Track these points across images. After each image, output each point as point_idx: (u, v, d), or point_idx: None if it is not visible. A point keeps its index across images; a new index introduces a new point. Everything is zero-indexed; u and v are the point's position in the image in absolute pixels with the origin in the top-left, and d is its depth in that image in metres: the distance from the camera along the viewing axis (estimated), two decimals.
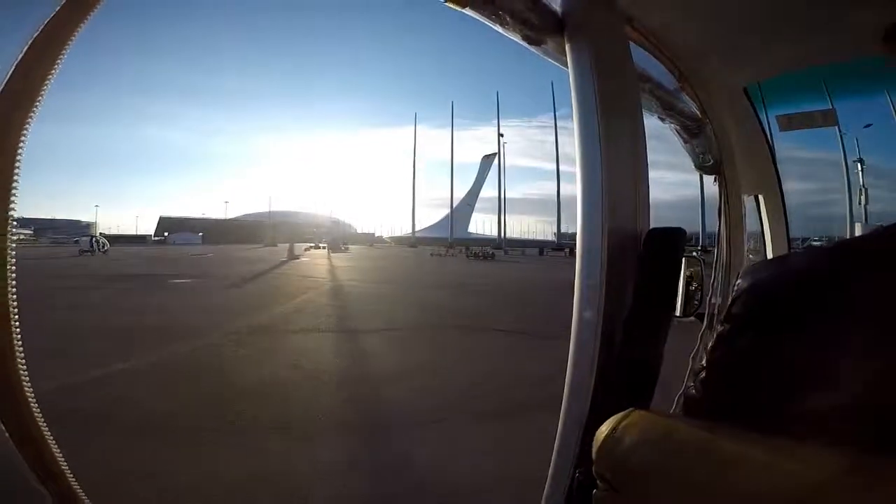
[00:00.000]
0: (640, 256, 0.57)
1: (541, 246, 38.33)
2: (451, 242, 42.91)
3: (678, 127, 1.15)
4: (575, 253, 0.65)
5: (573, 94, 0.63)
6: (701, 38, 1.05)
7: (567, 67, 0.65)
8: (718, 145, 1.37)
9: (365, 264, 21.94)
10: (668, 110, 1.04)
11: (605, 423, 0.42)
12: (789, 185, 1.59)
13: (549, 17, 0.67)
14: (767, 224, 1.52)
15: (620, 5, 0.83)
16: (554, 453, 0.60)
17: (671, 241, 0.58)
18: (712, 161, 1.37)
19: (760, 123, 1.40)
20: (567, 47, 0.66)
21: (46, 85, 0.43)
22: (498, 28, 0.63)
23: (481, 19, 0.61)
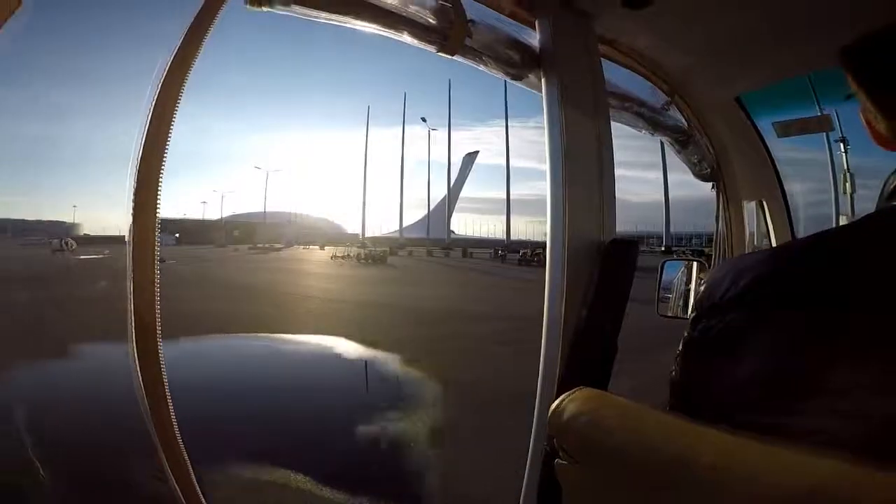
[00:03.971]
0: (600, 263, 0.67)
1: (495, 248, 34.80)
2: (448, 243, 40.92)
3: (670, 140, 1.23)
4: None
5: (545, 120, 0.73)
6: (687, 55, 1.12)
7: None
8: (715, 154, 1.43)
9: None
10: (656, 126, 1.12)
11: (557, 399, 0.52)
12: (794, 188, 1.63)
13: (527, 53, 0.77)
14: (772, 227, 1.57)
15: (601, 31, 0.92)
16: (532, 432, 0.70)
17: (626, 252, 0.67)
18: (709, 169, 1.43)
19: (757, 130, 1.46)
20: (542, 80, 0.77)
21: (180, 99, 0.55)
22: (482, 68, 0.73)
23: (465, 62, 0.72)
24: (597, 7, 0.84)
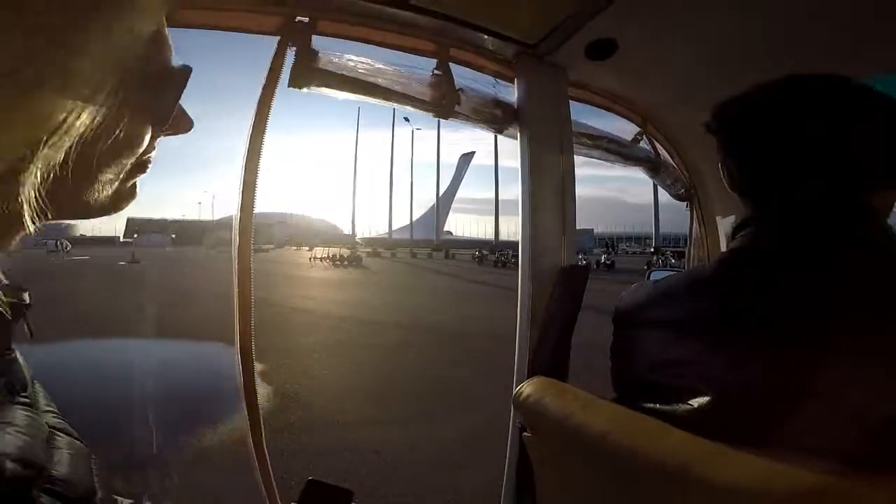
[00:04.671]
0: (558, 284, 0.85)
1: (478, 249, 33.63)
2: (436, 244, 40.77)
3: (643, 168, 1.39)
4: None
5: (518, 164, 0.92)
6: (655, 91, 1.27)
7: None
8: (689, 176, 1.59)
9: None
10: (628, 158, 1.28)
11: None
12: None
13: (507, 108, 0.95)
14: None
15: (574, 77, 1.09)
16: (512, 413, 0.88)
17: (578, 274, 0.85)
18: (683, 190, 1.59)
19: None
20: (518, 129, 0.94)
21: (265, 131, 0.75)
22: (469, 124, 0.91)
23: (451, 120, 0.90)
24: (567, 60, 1.01)
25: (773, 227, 0.56)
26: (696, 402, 0.50)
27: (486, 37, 0.90)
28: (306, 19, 0.77)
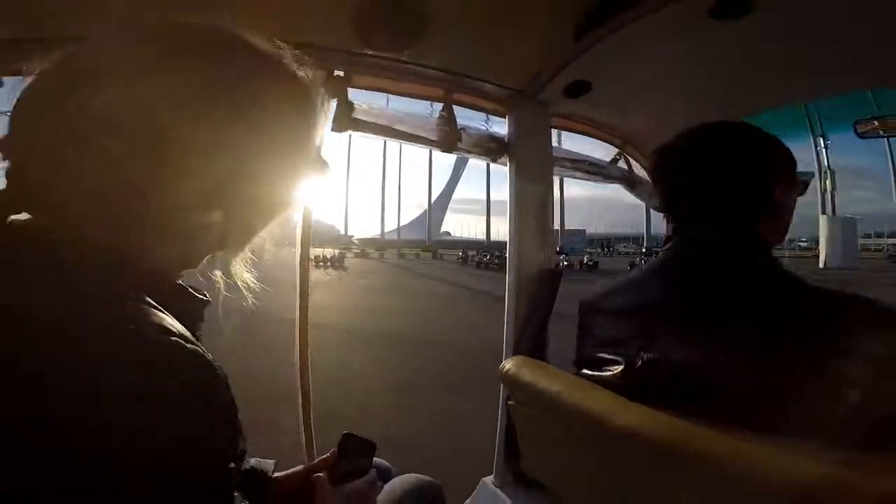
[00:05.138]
0: (536, 285, 1.08)
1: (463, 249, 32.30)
2: (427, 245, 39.96)
3: (622, 184, 1.60)
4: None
5: (509, 187, 1.15)
6: (630, 118, 1.48)
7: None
8: None
9: None
10: (607, 177, 1.50)
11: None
12: None
13: (500, 141, 1.17)
14: None
15: (558, 110, 1.30)
16: (502, 386, 1.11)
17: (553, 277, 1.08)
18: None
19: None
20: (508, 158, 1.17)
21: None
22: (470, 156, 1.13)
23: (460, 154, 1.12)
24: (550, 99, 1.22)
25: (683, 245, 0.77)
26: (622, 370, 0.73)
27: (483, 83, 1.12)
28: (342, 73, 0.99)
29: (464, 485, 1.34)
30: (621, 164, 1.55)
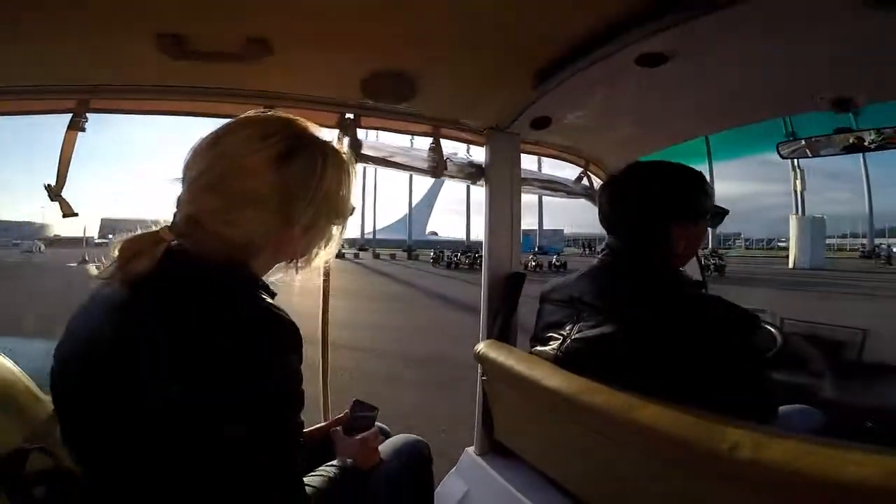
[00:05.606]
0: (504, 286, 1.36)
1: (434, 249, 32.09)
2: (407, 245, 39.05)
3: (587, 200, 1.87)
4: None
5: (484, 205, 1.42)
6: (591, 142, 1.75)
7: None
8: None
9: None
10: (572, 193, 1.78)
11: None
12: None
13: (478, 166, 1.43)
14: None
15: (528, 138, 1.56)
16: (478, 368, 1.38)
17: (518, 280, 1.36)
18: None
19: None
20: (485, 180, 1.43)
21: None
22: (455, 181, 1.39)
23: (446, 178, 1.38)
24: (520, 129, 1.48)
25: (607, 254, 1.04)
26: (558, 345, 1.00)
27: (465, 121, 1.39)
28: (352, 116, 1.24)
29: None
30: (585, 181, 1.82)
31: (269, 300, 0.66)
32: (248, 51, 0.90)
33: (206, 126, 0.73)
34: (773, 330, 1.64)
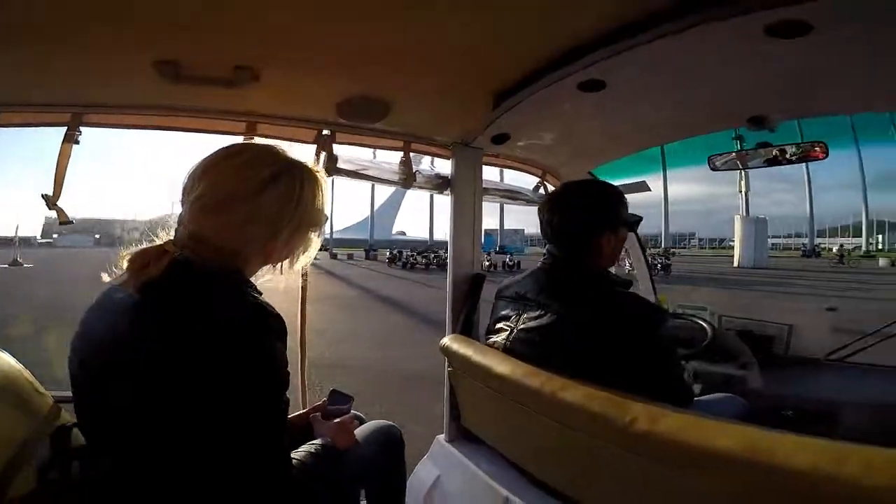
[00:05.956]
0: (469, 286, 1.51)
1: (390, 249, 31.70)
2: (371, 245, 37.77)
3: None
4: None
5: (449, 213, 1.56)
6: (547, 154, 1.92)
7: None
8: None
9: None
10: (529, 201, 1.95)
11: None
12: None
13: (444, 177, 1.58)
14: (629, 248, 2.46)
15: (490, 151, 1.72)
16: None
17: (478, 280, 1.51)
18: None
19: None
20: (450, 189, 1.58)
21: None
22: (423, 191, 1.52)
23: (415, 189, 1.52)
24: (482, 144, 1.63)
25: (552, 259, 1.21)
26: (506, 336, 1.16)
27: (433, 137, 1.53)
28: (328, 132, 1.36)
29: None
30: (542, 190, 2.00)
31: (260, 298, 0.79)
32: (237, 77, 1.01)
33: (179, 137, 0.86)
34: (704, 324, 1.83)
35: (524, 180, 2.11)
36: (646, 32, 0.90)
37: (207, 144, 0.91)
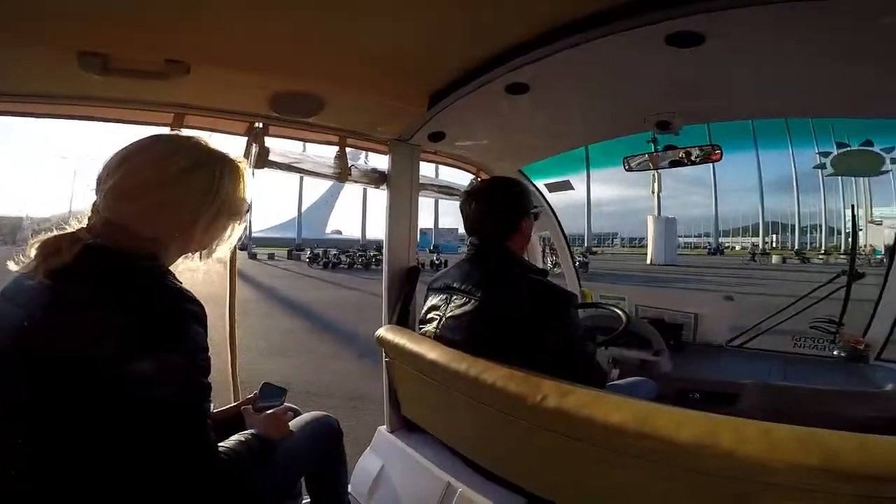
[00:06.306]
0: (406, 279, 1.56)
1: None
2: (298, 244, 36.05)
3: None
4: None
5: (385, 207, 1.61)
6: (481, 152, 2.01)
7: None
8: None
9: None
10: None
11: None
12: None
13: (380, 172, 1.61)
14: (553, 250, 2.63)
15: (428, 148, 1.77)
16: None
17: (413, 273, 1.57)
18: None
19: (536, 188, 2.45)
20: (387, 184, 1.62)
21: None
22: (359, 185, 1.55)
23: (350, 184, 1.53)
24: (419, 141, 1.68)
25: (474, 249, 1.29)
26: (436, 324, 1.23)
27: (370, 133, 1.55)
28: (261, 125, 1.34)
29: None
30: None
31: (178, 283, 0.79)
32: (167, 70, 0.98)
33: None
34: (620, 313, 1.99)
35: (460, 176, 2.19)
36: (560, 41, 0.99)
37: (127, 135, 0.88)
